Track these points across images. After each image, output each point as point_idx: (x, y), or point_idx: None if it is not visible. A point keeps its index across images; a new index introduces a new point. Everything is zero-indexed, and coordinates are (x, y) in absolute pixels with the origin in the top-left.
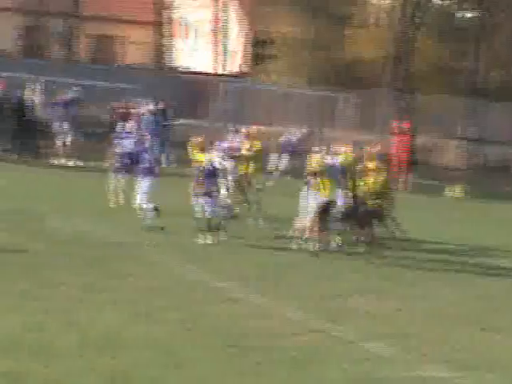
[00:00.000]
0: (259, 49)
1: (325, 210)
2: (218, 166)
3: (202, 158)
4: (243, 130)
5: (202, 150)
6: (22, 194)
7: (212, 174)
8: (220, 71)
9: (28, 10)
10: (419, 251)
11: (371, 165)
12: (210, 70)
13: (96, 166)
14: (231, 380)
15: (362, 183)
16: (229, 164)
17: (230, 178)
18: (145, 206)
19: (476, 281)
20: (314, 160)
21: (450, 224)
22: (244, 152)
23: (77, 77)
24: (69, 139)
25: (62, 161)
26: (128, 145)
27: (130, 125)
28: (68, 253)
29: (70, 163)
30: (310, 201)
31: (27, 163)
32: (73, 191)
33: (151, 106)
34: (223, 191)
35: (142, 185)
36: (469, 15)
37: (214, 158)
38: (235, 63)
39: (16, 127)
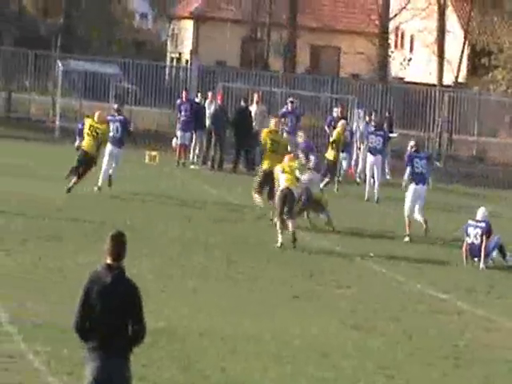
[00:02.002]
0: (478, 59)
1: None
2: None
3: None
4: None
5: None
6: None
7: None
8: (441, 81)
9: (247, 21)
10: None
11: None
12: (429, 80)
13: None
14: None
15: None
16: None
17: None
18: None
19: None
20: None
21: None
22: None
23: (296, 87)
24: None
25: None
26: None
27: None
28: (283, 261)
29: None
30: None
31: (243, 173)
32: None
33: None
34: None
35: None
36: None
37: None
38: (454, 73)
39: (236, 138)
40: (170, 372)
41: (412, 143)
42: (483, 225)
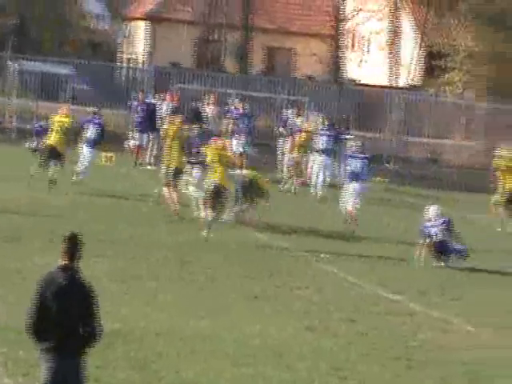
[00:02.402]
0: (434, 61)
1: None
2: None
3: None
4: None
5: None
6: None
7: None
8: (395, 83)
9: (202, 22)
10: None
11: None
12: (384, 82)
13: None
14: None
15: None
16: None
17: None
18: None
19: None
20: None
21: None
22: None
23: (251, 89)
24: (244, 151)
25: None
26: None
27: None
28: (239, 260)
29: None
30: None
31: None
32: None
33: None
34: None
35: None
36: None
37: None
38: (410, 75)
39: None
40: (126, 372)
41: (358, 143)
42: (442, 220)
